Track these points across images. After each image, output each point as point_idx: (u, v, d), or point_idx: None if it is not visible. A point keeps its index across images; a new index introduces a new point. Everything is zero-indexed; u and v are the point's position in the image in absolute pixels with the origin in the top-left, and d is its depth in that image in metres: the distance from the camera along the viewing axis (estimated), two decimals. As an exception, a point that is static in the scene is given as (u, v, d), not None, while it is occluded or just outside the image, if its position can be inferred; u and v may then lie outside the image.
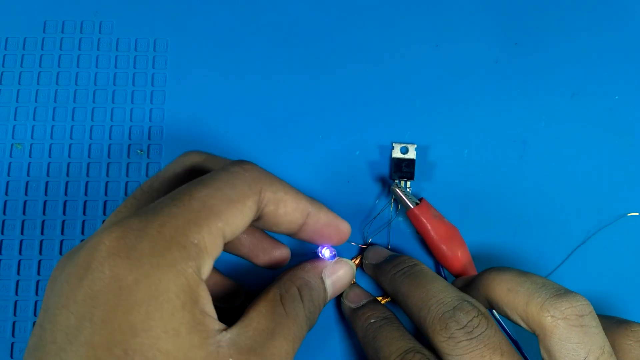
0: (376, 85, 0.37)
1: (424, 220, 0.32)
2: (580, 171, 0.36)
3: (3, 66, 0.37)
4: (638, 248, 0.34)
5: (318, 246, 0.28)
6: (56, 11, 0.38)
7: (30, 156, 0.35)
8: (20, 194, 0.34)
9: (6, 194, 0.34)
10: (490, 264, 0.33)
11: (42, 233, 0.34)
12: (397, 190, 0.32)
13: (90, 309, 0.18)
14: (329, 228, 0.26)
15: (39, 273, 0.33)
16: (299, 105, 0.36)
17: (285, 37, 0.38)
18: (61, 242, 0.34)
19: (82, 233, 0.34)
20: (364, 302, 0.30)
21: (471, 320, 0.24)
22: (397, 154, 0.34)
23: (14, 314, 0.33)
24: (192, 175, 0.24)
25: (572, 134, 0.36)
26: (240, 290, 0.29)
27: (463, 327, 0.24)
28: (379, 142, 0.36)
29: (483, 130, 0.36)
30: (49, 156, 0.35)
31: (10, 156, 0.35)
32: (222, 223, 0.20)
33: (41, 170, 0.35)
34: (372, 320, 0.28)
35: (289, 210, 0.24)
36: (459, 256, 0.32)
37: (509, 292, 0.25)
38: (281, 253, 0.29)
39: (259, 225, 0.25)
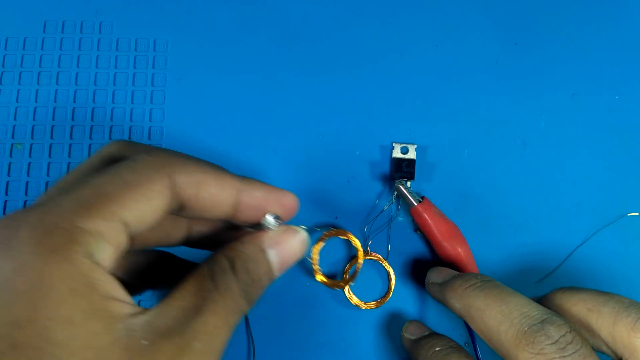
0: (376, 85, 0.37)
1: (427, 218, 0.32)
2: (580, 171, 0.36)
3: (3, 66, 0.37)
4: (638, 248, 0.34)
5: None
6: (56, 11, 0.38)
7: (30, 156, 0.35)
8: (20, 194, 0.34)
9: (6, 194, 0.34)
10: (490, 264, 0.33)
11: (42, 233, 0.34)
12: (401, 187, 0.32)
13: None
14: (269, 203, 0.23)
15: (39, 273, 0.33)
16: (299, 105, 0.36)
17: (285, 37, 0.38)
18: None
19: (82, 233, 0.34)
20: (425, 333, 0.30)
21: (564, 335, 0.22)
22: (397, 154, 0.34)
23: (14, 314, 0.33)
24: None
25: (572, 134, 0.36)
26: None
27: (555, 343, 0.21)
28: (379, 142, 0.36)
29: (483, 130, 0.36)
30: (49, 156, 0.35)
31: (10, 156, 0.35)
32: (117, 207, 0.19)
33: (41, 170, 0.35)
34: (437, 349, 0.27)
35: (213, 191, 0.22)
36: (460, 253, 0.32)
37: (591, 312, 0.24)
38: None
39: (187, 214, 0.22)
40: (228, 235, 0.26)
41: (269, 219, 0.23)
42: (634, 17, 0.39)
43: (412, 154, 0.34)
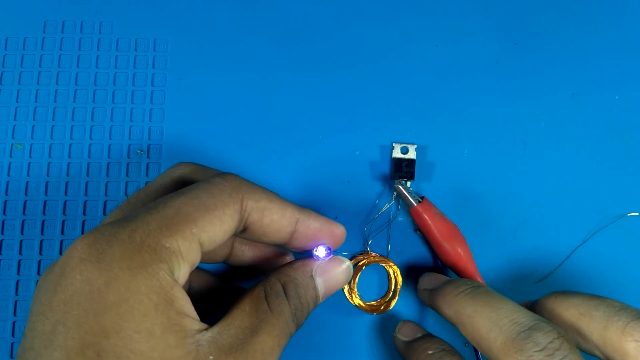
0: (376, 85, 0.37)
1: (427, 218, 0.32)
2: (580, 171, 0.35)
3: (3, 66, 0.37)
4: (638, 248, 0.34)
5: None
6: (56, 11, 0.38)
7: (30, 156, 0.35)
8: (20, 194, 0.34)
9: (6, 194, 0.34)
10: (490, 264, 0.33)
11: (42, 233, 0.34)
12: (401, 187, 0.32)
13: (63, 314, 0.18)
14: (321, 233, 0.26)
15: (39, 273, 0.33)
16: (299, 105, 0.36)
17: (285, 37, 0.38)
18: (61, 242, 0.34)
19: (82, 233, 0.34)
20: (419, 335, 0.30)
21: (551, 342, 0.22)
22: (397, 154, 0.34)
23: (14, 314, 0.33)
24: (180, 187, 0.24)
25: (572, 134, 0.36)
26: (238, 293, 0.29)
27: (542, 349, 0.22)
28: (379, 142, 0.36)
29: (483, 130, 0.36)
30: (49, 156, 0.35)
31: (10, 156, 0.35)
32: (196, 229, 0.21)
33: (41, 170, 0.35)
34: (430, 352, 0.27)
35: (275, 218, 0.24)
36: (460, 254, 0.32)
37: (582, 317, 0.24)
38: (284, 260, 0.29)
39: (247, 237, 0.25)
40: (273, 259, 0.29)
41: (321, 251, 0.26)
42: (634, 17, 0.38)
43: (412, 154, 0.34)
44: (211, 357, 0.19)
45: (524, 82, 0.37)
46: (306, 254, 0.27)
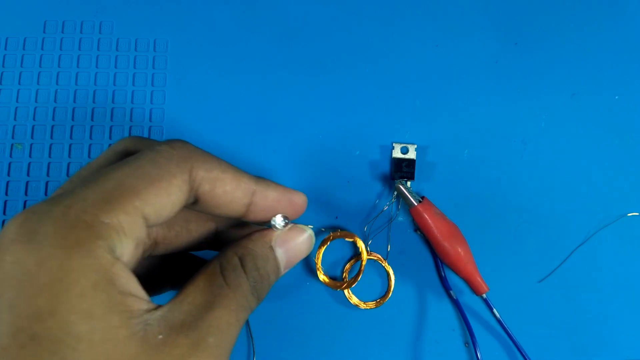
0: (376, 85, 0.37)
1: (427, 218, 0.32)
2: (580, 171, 0.35)
3: (3, 66, 0.37)
4: (638, 248, 0.34)
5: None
6: (56, 11, 0.38)
7: (30, 156, 0.35)
8: (20, 194, 0.34)
9: (6, 194, 0.34)
10: (490, 264, 0.33)
11: (42, 233, 0.34)
12: (401, 187, 0.32)
13: None
14: (280, 204, 0.24)
15: (39, 273, 0.33)
16: (299, 105, 0.36)
17: (285, 37, 0.38)
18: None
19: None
20: None
21: None
22: (397, 154, 0.34)
23: (14, 314, 0.33)
24: None
25: (572, 134, 0.36)
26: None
27: None
28: (379, 142, 0.36)
29: (483, 130, 0.36)
30: (49, 156, 0.35)
31: (10, 156, 0.35)
32: (140, 202, 0.19)
33: (41, 170, 0.35)
34: None
35: (229, 189, 0.22)
36: (460, 253, 0.32)
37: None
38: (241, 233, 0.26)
39: (198, 209, 0.23)
40: (233, 233, 0.27)
41: (279, 219, 0.24)
42: (634, 17, 0.38)
43: (412, 154, 0.34)
44: (160, 336, 0.18)
45: (524, 82, 0.37)
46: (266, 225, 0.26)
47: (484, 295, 0.32)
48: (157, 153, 0.21)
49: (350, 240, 0.33)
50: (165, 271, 0.26)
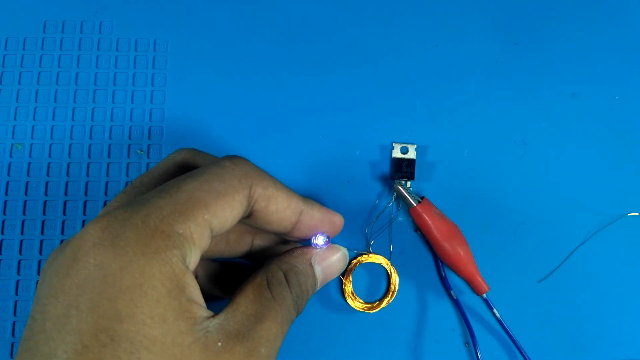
0: (376, 85, 0.37)
1: (427, 218, 0.32)
2: (580, 171, 0.35)
3: (3, 66, 0.37)
4: (638, 248, 0.34)
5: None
6: (56, 11, 0.38)
7: (30, 156, 0.35)
8: (20, 194, 0.34)
9: (6, 194, 0.34)
10: (490, 264, 0.33)
11: (42, 233, 0.34)
12: (400, 188, 0.32)
13: (76, 298, 0.18)
14: (322, 224, 0.26)
15: (39, 273, 0.33)
16: (299, 104, 0.36)
17: (285, 37, 0.38)
18: (61, 242, 0.34)
19: (82, 233, 0.34)
20: None
21: None
22: (397, 154, 0.34)
23: (14, 314, 0.33)
24: (183, 172, 0.24)
25: (572, 133, 0.36)
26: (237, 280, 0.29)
27: None
28: (379, 142, 0.36)
29: (483, 130, 0.36)
30: (49, 156, 0.35)
31: (10, 156, 0.35)
32: (209, 215, 0.21)
33: (41, 170, 0.35)
34: None
35: (281, 207, 0.24)
36: (460, 253, 0.32)
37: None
38: (283, 248, 0.29)
39: (250, 223, 0.25)
40: (268, 247, 0.29)
41: (321, 239, 0.27)
42: (634, 17, 0.38)
43: (412, 154, 0.34)
44: (219, 344, 0.20)
45: (524, 82, 0.37)
46: (304, 243, 0.28)
47: (484, 295, 0.32)
48: (222, 169, 0.22)
49: (379, 263, 0.33)
50: (212, 278, 0.28)
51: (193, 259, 0.20)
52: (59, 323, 0.18)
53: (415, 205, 0.32)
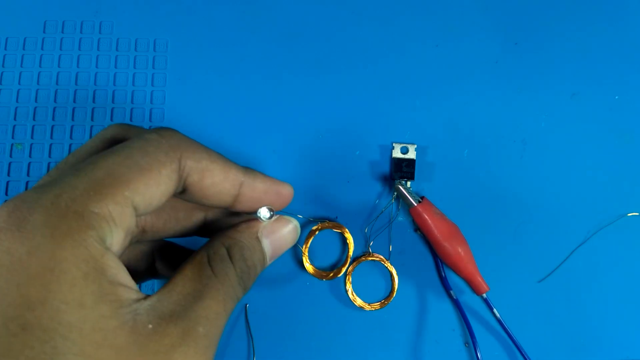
0: (376, 85, 0.37)
1: (427, 217, 0.32)
2: (580, 171, 0.35)
3: (3, 66, 0.37)
4: (638, 248, 0.34)
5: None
6: (56, 11, 0.38)
7: (30, 156, 0.35)
8: (20, 194, 0.34)
9: (6, 194, 0.34)
10: (490, 264, 0.33)
11: (42, 233, 0.34)
12: (401, 187, 0.32)
13: None
14: (268, 195, 0.24)
15: (39, 273, 0.33)
16: (299, 105, 0.36)
17: (285, 37, 0.37)
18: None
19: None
20: None
21: None
22: (397, 154, 0.34)
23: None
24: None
25: (572, 133, 0.36)
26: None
27: None
28: (379, 142, 0.36)
29: (483, 130, 0.36)
30: (49, 156, 0.35)
31: (10, 156, 0.35)
32: (129, 192, 0.19)
33: (41, 170, 0.35)
34: None
35: (217, 180, 0.22)
36: (460, 253, 0.32)
37: None
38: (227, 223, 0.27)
39: (186, 199, 0.23)
40: (223, 221, 0.27)
41: (264, 211, 0.25)
42: (634, 17, 0.38)
43: (412, 154, 0.34)
44: (150, 326, 0.18)
45: (524, 82, 0.37)
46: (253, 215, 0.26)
47: (484, 295, 0.32)
48: (146, 141, 0.21)
49: (338, 231, 0.33)
50: (152, 259, 0.26)
51: (115, 240, 0.19)
52: None
53: (415, 204, 0.32)
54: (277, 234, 0.25)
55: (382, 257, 0.33)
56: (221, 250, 0.22)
